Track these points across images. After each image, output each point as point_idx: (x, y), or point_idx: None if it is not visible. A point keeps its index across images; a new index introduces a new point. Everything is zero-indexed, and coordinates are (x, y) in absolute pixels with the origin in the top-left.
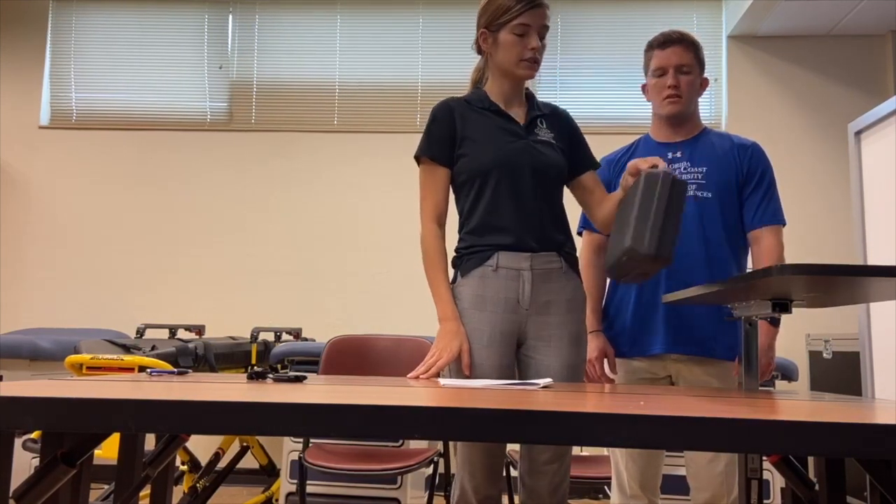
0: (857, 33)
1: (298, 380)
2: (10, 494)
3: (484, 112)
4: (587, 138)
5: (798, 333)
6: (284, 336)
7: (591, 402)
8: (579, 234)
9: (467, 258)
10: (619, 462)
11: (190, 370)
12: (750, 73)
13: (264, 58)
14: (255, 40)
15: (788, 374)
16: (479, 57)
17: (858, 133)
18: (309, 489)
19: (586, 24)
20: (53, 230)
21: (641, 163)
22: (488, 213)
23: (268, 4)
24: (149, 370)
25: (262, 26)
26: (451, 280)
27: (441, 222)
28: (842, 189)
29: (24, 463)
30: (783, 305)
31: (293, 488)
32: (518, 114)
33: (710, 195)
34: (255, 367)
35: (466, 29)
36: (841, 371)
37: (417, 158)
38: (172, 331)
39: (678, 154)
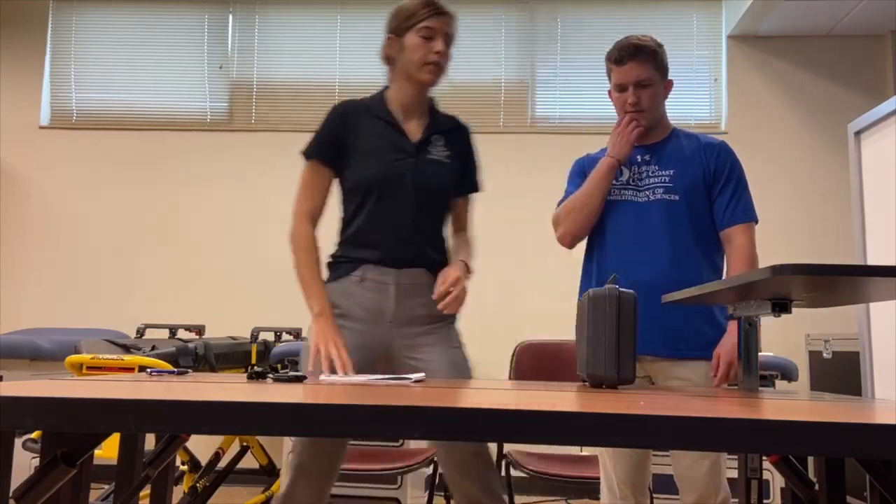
0: (857, 33)
1: (298, 380)
2: (11, 494)
3: (378, 122)
4: (588, 138)
5: (798, 333)
6: (284, 336)
7: (591, 402)
8: None
9: (335, 267)
10: (606, 463)
11: (190, 370)
12: (750, 73)
13: (264, 58)
14: (255, 40)
15: (788, 374)
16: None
17: (858, 133)
18: None
19: (586, 25)
20: (53, 230)
21: None
22: (362, 229)
23: (268, 4)
24: (149, 370)
25: (262, 26)
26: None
27: (315, 222)
28: (842, 189)
29: (24, 463)
30: (783, 305)
31: None
32: (416, 127)
33: (677, 198)
34: (255, 367)
35: (466, 29)
36: (841, 371)
37: (303, 154)
38: (172, 331)
39: (647, 157)
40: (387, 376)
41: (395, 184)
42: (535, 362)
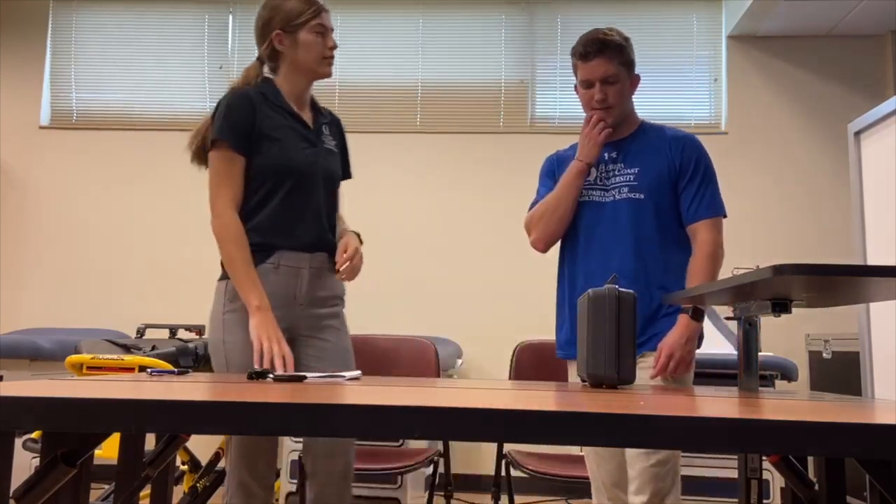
0: (857, 33)
1: (298, 380)
2: (11, 494)
3: (279, 111)
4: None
5: (798, 333)
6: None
7: (590, 402)
8: None
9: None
10: (591, 465)
11: (190, 370)
12: (750, 73)
13: None
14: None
15: (788, 374)
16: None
17: (858, 133)
18: None
19: (586, 25)
20: (53, 230)
21: None
22: (275, 214)
23: None
24: (149, 370)
25: None
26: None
27: (238, 211)
28: (842, 189)
29: (24, 463)
30: (783, 305)
31: (293, 488)
32: (307, 117)
33: (642, 196)
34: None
35: (466, 29)
36: (841, 371)
37: (213, 142)
38: (172, 331)
39: (614, 154)
40: (319, 374)
41: (306, 171)
42: (535, 362)
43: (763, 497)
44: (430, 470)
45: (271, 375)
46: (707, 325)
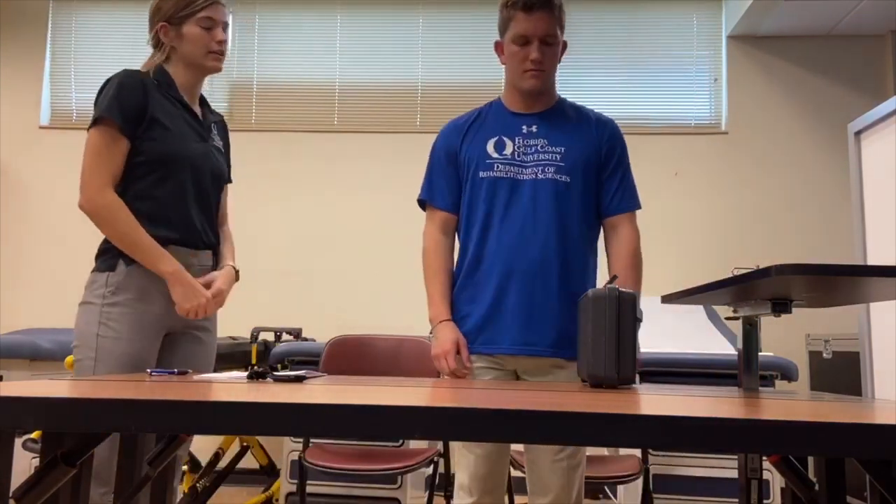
0: (857, 33)
1: (298, 380)
2: (10, 494)
3: (171, 100)
4: None
5: (798, 333)
6: (284, 336)
7: (591, 402)
8: (421, 205)
9: None
10: (461, 461)
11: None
12: (750, 73)
13: (264, 58)
14: (255, 40)
15: (788, 374)
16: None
17: (858, 133)
18: (309, 489)
19: (586, 24)
20: (53, 230)
21: None
22: (166, 204)
23: (268, 4)
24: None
25: (262, 26)
26: (111, 266)
27: (119, 195)
28: (842, 189)
29: (24, 463)
30: (783, 305)
31: (293, 488)
32: (197, 112)
33: (568, 179)
34: (255, 367)
35: (466, 29)
36: (841, 371)
37: (98, 119)
38: None
39: (533, 129)
40: (280, 374)
41: (197, 164)
42: None
43: (763, 497)
44: (430, 470)
45: (271, 376)
46: (707, 325)
